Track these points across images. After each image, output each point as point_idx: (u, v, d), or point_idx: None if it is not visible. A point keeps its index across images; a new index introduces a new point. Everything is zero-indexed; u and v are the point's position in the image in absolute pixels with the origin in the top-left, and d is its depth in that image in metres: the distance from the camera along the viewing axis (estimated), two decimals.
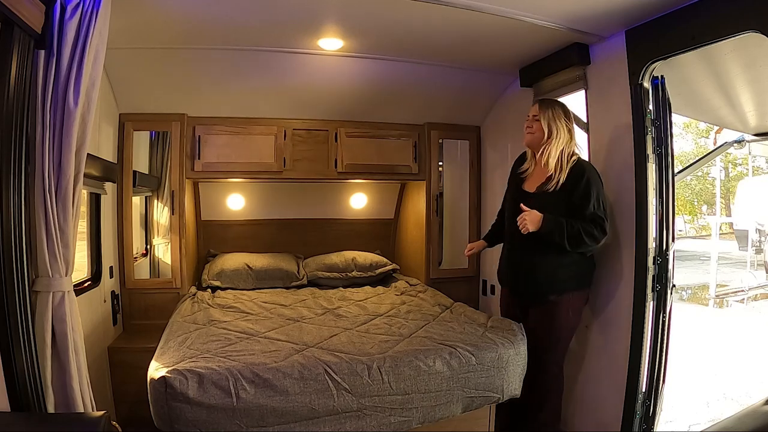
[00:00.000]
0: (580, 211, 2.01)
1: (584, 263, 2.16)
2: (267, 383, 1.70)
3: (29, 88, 1.46)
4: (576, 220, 2.01)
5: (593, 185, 2.02)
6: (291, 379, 1.72)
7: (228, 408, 1.65)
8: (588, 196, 2.01)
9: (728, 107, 2.96)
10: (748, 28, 1.58)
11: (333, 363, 1.80)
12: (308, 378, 1.74)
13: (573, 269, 2.12)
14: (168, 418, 1.64)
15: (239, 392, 1.66)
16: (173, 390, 1.62)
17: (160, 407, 1.64)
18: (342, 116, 3.13)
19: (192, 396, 1.63)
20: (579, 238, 1.99)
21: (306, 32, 2.25)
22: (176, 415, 1.63)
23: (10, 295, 1.38)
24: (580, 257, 2.11)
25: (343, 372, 1.78)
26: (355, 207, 3.86)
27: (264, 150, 3.02)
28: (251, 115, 3.00)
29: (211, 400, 1.64)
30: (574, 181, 2.04)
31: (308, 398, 1.72)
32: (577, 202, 2.02)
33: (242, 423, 1.67)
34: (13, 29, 1.37)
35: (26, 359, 1.40)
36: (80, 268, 2.33)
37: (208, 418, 1.64)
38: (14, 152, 1.40)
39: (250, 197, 3.61)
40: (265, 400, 1.68)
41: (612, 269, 2.20)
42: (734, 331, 5.39)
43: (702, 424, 2.79)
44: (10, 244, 1.38)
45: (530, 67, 2.64)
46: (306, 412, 1.72)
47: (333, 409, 1.74)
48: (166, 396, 1.62)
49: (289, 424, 1.71)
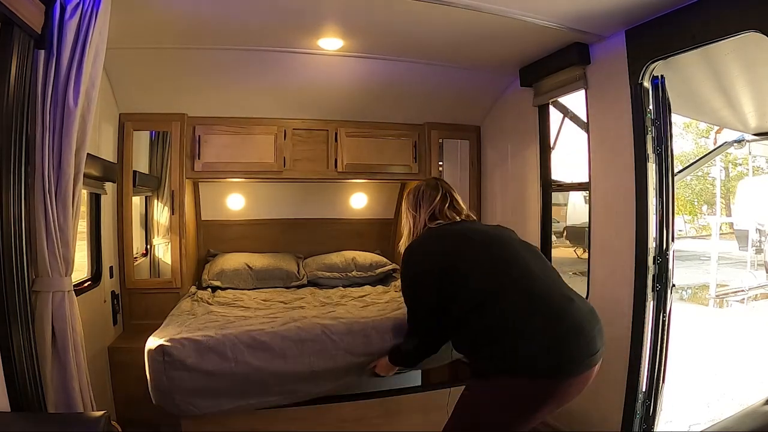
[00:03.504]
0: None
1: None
2: (265, 346, 1.69)
3: (29, 88, 1.46)
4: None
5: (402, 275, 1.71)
6: (289, 341, 1.72)
7: (227, 373, 1.65)
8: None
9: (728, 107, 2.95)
10: (748, 28, 1.58)
11: (331, 325, 1.81)
12: (306, 339, 1.74)
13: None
14: (168, 389, 1.62)
15: (237, 357, 1.66)
16: (171, 358, 1.61)
17: (158, 379, 1.62)
18: (342, 116, 3.13)
19: (190, 363, 1.62)
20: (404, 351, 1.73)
21: (306, 32, 2.25)
22: (176, 385, 1.62)
23: (10, 295, 1.38)
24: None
25: (340, 332, 1.78)
26: (355, 207, 3.85)
27: (264, 150, 3.02)
28: (251, 115, 3.00)
29: (209, 366, 1.63)
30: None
31: (307, 359, 1.72)
32: None
33: (243, 387, 1.66)
34: (13, 29, 1.38)
35: (26, 359, 1.40)
36: (80, 268, 2.33)
37: (208, 385, 1.63)
38: (14, 152, 1.40)
39: (250, 197, 3.61)
40: (264, 363, 1.68)
41: (612, 269, 2.20)
42: (734, 331, 5.39)
43: (702, 424, 2.79)
44: (10, 244, 1.38)
45: (530, 66, 2.64)
46: (306, 373, 1.72)
47: (333, 369, 1.75)
48: (165, 366, 1.61)
49: (289, 385, 1.71)
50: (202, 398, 1.64)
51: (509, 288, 1.45)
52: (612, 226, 2.21)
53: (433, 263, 1.56)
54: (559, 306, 1.42)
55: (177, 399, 1.63)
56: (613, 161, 2.21)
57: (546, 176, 2.73)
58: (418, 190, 1.81)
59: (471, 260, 1.52)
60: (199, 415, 1.68)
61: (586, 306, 1.48)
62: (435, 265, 1.55)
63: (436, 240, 1.64)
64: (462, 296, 1.48)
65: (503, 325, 1.41)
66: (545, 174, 2.73)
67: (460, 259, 1.53)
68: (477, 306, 1.45)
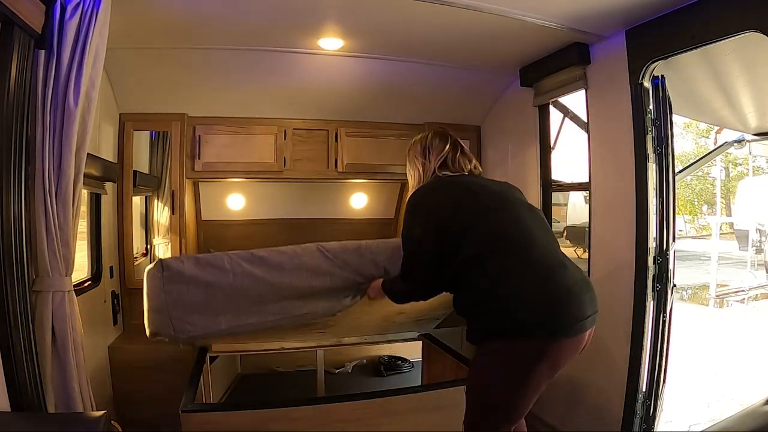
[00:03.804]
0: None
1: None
2: (263, 260, 1.71)
3: (29, 88, 1.46)
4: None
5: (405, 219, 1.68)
6: (286, 257, 1.74)
7: (225, 286, 1.65)
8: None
9: (728, 107, 2.96)
10: (749, 28, 1.58)
11: (326, 244, 1.83)
12: (303, 255, 1.76)
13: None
14: (164, 307, 1.61)
15: (236, 269, 1.66)
16: (170, 271, 1.61)
17: (155, 297, 1.61)
18: (342, 116, 3.13)
19: (189, 274, 1.61)
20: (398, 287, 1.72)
21: (306, 32, 2.25)
22: (173, 299, 1.61)
23: (10, 295, 1.38)
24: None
25: (335, 249, 1.81)
26: (356, 207, 3.85)
27: (264, 150, 3.02)
28: (251, 115, 3.00)
29: (208, 277, 1.63)
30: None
31: (305, 274, 1.73)
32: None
33: (241, 302, 1.66)
34: (13, 29, 1.38)
35: (26, 359, 1.41)
36: (80, 268, 2.33)
37: (207, 300, 1.63)
38: (14, 152, 1.40)
39: (251, 197, 3.61)
40: (262, 274, 1.68)
41: (612, 269, 2.20)
42: (734, 331, 5.39)
43: (702, 424, 2.79)
44: (11, 244, 1.39)
45: (530, 66, 2.64)
46: (303, 288, 1.73)
47: (329, 287, 1.76)
48: (163, 281, 1.60)
49: (287, 300, 1.72)
50: (200, 315, 1.63)
51: (507, 250, 1.46)
52: (612, 226, 2.21)
53: (436, 216, 1.55)
54: (552, 271, 1.44)
55: (174, 318, 1.61)
56: (613, 161, 2.21)
57: (546, 176, 2.73)
58: (426, 138, 1.78)
59: (473, 219, 1.52)
60: (194, 336, 1.67)
61: (579, 274, 1.50)
62: (438, 219, 1.54)
63: (443, 192, 1.62)
64: (460, 253, 1.49)
65: (496, 287, 1.43)
66: (545, 174, 2.73)
67: (463, 215, 1.53)
68: (473, 265, 1.47)
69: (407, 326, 2.49)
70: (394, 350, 3.20)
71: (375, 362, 3.18)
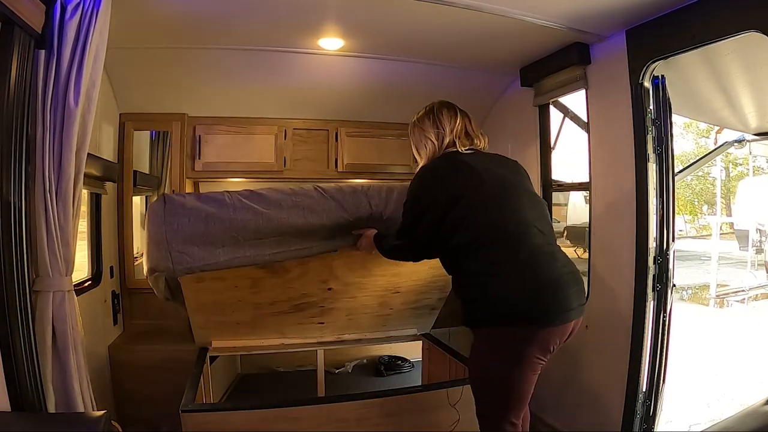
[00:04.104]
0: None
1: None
2: (262, 197, 1.77)
3: (29, 88, 1.46)
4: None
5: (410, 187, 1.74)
6: (284, 194, 1.81)
7: (225, 218, 1.69)
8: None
9: (729, 108, 2.95)
10: (748, 28, 1.58)
11: (324, 185, 1.91)
12: (300, 193, 1.83)
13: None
14: (164, 239, 1.65)
15: (235, 203, 1.72)
16: (172, 204, 1.67)
17: (156, 230, 1.65)
18: (342, 116, 3.13)
19: (190, 206, 1.67)
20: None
21: (306, 32, 2.25)
22: (173, 231, 1.65)
23: (10, 295, 1.38)
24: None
25: (332, 189, 1.88)
26: None
27: (264, 150, 3.03)
28: (251, 115, 3.00)
29: (208, 210, 1.68)
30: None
31: (301, 211, 1.78)
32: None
33: (239, 235, 1.71)
34: (13, 29, 1.38)
35: (26, 359, 1.41)
36: (81, 267, 2.33)
37: (206, 231, 1.67)
38: (14, 152, 1.40)
39: None
40: (261, 208, 1.74)
41: (612, 269, 2.20)
42: (734, 331, 5.39)
43: (702, 424, 2.79)
44: (11, 244, 1.39)
45: (530, 66, 2.64)
46: (300, 225, 1.78)
47: (325, 225, 1.82)
48: (164, 213, 1.65)
49: (284, 236, 1.76)
50: (199, 247, 1.67)
51: (500, 242, 1.51)
52: (612, 226, 2.21)
53: (443, 198, 1.58)
54: (541, 264, 1.50)
55: (173, 250, 1.65)
56: (613, 161, 2.21)
57: (546, 176, 2.73)
58: (434, 109, 1.79)
59: (475, 208, 1.56)
60: (192, 267, 1.70)
61: (569, 267, 1.55)
62: (444, 201, 1.58)
63: (451, 170, 1.64)
64: (456, 237, 1.54)
65: (486, 276, 1.49)
66: (545, 174, 2.73)
67: (465, 203, 1.56)
68: (468, 251, 1.53)
69: (404, 319, 2.48)
70: (394, 350, 3.20)
71: (375, 362, 3.18)
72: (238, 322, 2.22)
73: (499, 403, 1.55)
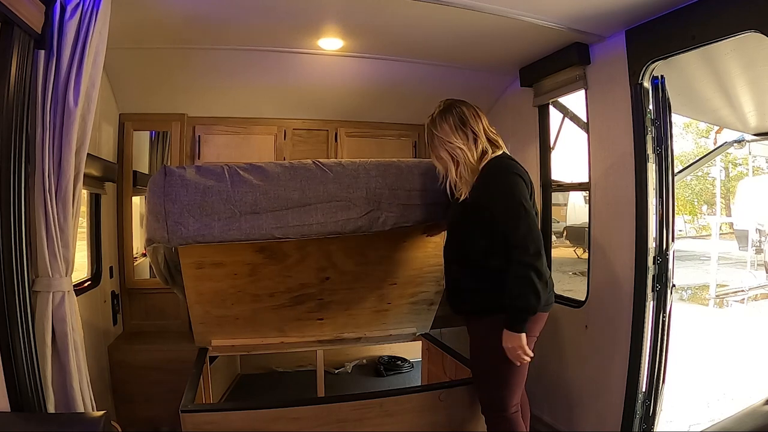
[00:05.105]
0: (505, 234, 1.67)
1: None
2: (260, 170, 1.79)
3: (29, 88, 1.46)
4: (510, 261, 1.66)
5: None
6: (282, 168, 1.82)
7: (222, 191, 1.72)
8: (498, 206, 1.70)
9: (728, 107, 2.96)
10: (748, 28, 1.58)
11: (324, 159, 1.91)
12: (299, 168, 1.83)
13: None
14: (162, 210, 1.67)
15: (234, 177, 1.74)
16: (172, 175, 1.69)
17: (156, 200, 1.67)
18: (342, 116, 3.13)
19: (189, 178, 1.69)
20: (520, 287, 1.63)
21: (306, 32, 2.25)
22: (171, 201, 1.66)
23: (10, 295, 1.38)
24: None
25: (330, 163, 1.88)
26: None
27: (264, 150, 3.03)
28: (251, 115, 3.00)
29: (207, 181, 1.70)
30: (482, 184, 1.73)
31: (299, 184, 1.79)
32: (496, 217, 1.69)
33: (236, 208, 1.72)
34: (13, 29, 1.38)
35: (26, 359, 1.41)
36: (80, 268, 2.33)
37: (203, 202, 1.69)
38: (14, 152, 1.40)
39: None
40: (259, 182, 1.75)
41: (612, 269, 2.20)
42: (734, 331, 5.39)
43: (702, 424, 2.79)
44: (10, 244, 1.39)
45: (530, 66, 2.64)
46: (297, 197, 1.78)
47: (323, 196, 1.82)
48: (164, 184, 1.67)
49: (281, 210, 1.77)
50: (195, 219, 1.69)
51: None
52: (612, 226, 2.21)
53: (528, 190, 1.72)
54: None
55: (169, 220, 1.67)
56: (613, 161, 2.21)
57: (546, 176, 2.73)
58: (454, 108, 1.84)
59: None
60: (186, 237, 1.70)
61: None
62: (528, 192, 1.71)
63: (523, 171, 1.76)
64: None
65: (501, 272, 1.67)
66: (545, 174, 2.73)
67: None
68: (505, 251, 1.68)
69: (403, 315, 2.47)
70: (394, 350, 3.20)
71: (375, 362, 3.18)
72: (238, 317, 2.21)
73: (515, 388, 1.75)
